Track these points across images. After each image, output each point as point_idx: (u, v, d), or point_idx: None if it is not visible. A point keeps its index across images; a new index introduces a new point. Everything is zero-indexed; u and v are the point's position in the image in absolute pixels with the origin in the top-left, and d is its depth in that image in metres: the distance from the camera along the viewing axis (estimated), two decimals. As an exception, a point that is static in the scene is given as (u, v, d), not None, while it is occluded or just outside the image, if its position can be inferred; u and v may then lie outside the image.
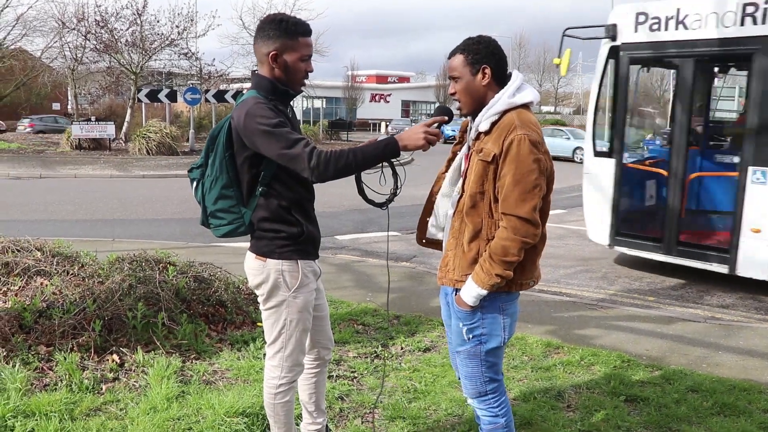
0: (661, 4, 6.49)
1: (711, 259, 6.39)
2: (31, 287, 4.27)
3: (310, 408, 2.84)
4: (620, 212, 6.98)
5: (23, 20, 27.89)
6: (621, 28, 6.73)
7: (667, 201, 6.66)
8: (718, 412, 3.49)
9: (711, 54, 6.37)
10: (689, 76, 6.47)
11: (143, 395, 3.44)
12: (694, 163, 7.11)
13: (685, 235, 6.66)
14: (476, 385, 2.48)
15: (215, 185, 2.48)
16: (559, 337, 4.70)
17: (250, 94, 2.47)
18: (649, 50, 6.64)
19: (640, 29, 6.56)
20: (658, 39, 6.46)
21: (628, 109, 7.04)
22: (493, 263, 2.28)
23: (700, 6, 6.21)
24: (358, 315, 5.00)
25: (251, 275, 2.55)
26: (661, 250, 6.69)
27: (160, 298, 4.22)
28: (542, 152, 2.29)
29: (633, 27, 6.62)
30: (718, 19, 6.06)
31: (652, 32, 6.47)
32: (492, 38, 2.42)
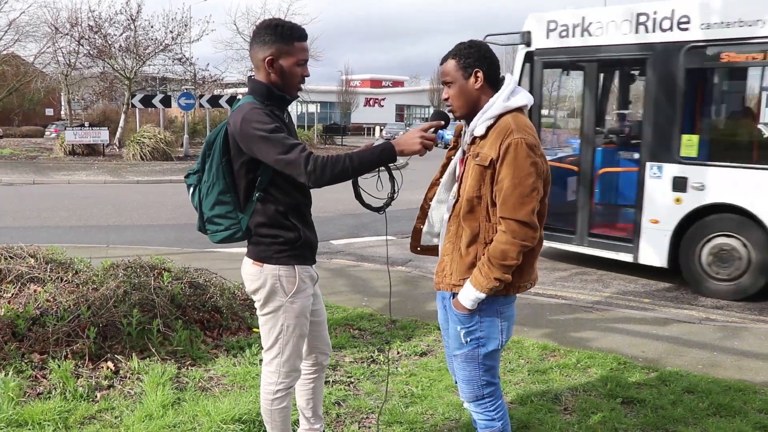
0: (569, 13, 7.06)
1: (618, 249, 6.87)
2: (25, 294, 4.24)
3: (307, 414, 2.83)
4: None
5: (15, 25, 27.80)
6: (534, 35, 7.23)
7: (579, 195, 7.10)
8: (714, 413, 3.50)
9: (611, 58, 7.03)
10: (593, 78, 7.09)
11: (138, 402, 3.42)
12: (608, 159, 7.50)
13: (595, 227, 7.13)
14: (473, 389, 2.48)
15: (212, 191, 2.48)
16: (556, 340, 4.70)
17: (246, 99, 2.47)
18: (559, 55, 7.20)
19: (551, 36, 7.12)
20: (566, 45, 7.03)
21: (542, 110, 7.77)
22: (492, 267, 2.27)
23: (601, 15, 6.83)
24: (354, 320, 4.99)
25: (248, 281, 2.54)
26: (574, 241, 7.18)
27: (155, 305, 4.20)
28: (539, 155, 2.29)
29: (545, 34, 7.16)
30: (616, 27, 6.67)
31: (562, 38, 7.05)
32: (484, 42, 2.43)
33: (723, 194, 6.08)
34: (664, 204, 6.42)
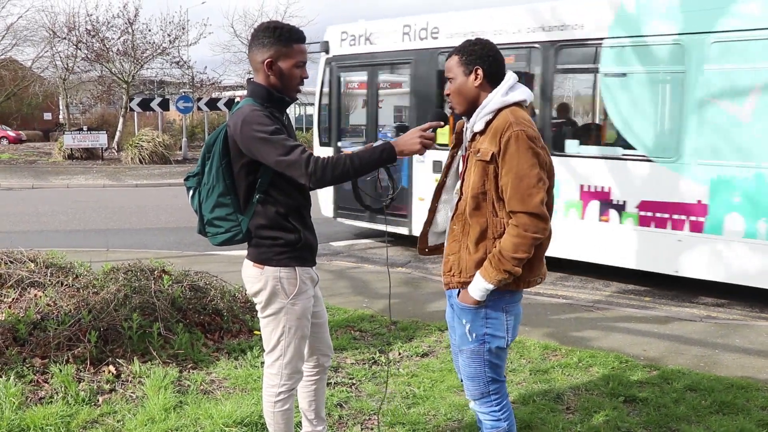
0: (357, 25, 8.48)
1: (398, 224, 8.16)
2: (25, 299, 4.24)
3: (309, 416, 2.83)
4: (339, 191, 8.74)
5: (13, 30, 27.80)
6: (331, 44, 8.69)
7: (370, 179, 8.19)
8: (716, 411, 3.50)
9: (386, 62, 8.43)
10: (374, 79, 8.54)
11: (140, 406, 3.42)
12: None
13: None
14: (479, 386, 2.47)
15: (212, 193, 2.48)
16: (557, 340, 4.70)
17: (245, 101, 2.48)
18: (349, 61, 8.61)
19: (344, 44, 8.53)
20: (355, 52, 8.45)
21: (342, 107, 9.03)
22: (503, 259, 2.27)
23: (378, 26, 8.29)
24: (355, 321, 4.99)
25: (249, 283, 2.54)
26: (366, 219, 8.46)
27: (155, 308, 4.19)
28: (540, 147, 2.30)
29: (339, 43, 8.57)
30: (388, 36, 8.11)
31: (351, 47, 8.48)
32: (489, 41, 2.44)
33: None
34: (428, 184, 7.58)
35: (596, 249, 6.61)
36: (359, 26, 8.39)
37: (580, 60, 6.73)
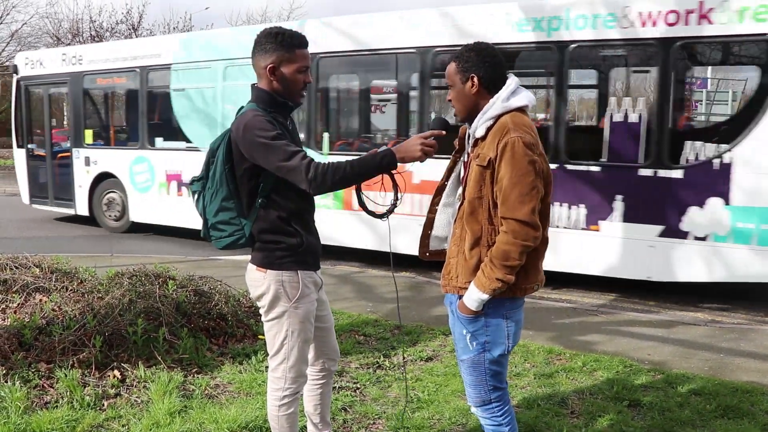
0: (34, 53, 11.43)
1: (68, 206, 10.44)
2: (30, 304, 4.26)
3: (315, 420, 2.83)
4: (33, 183, 10.94)
5: (18, 37, 27.96)
6: (20, 67, 10.80)
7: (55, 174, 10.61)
8: (721, 415, 3.49)
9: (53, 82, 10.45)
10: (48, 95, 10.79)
11: (145, 411, 3.42)
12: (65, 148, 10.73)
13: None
14: (480, 393, 2.47)
15: (216, 198, 2.49)
16: (561, 344, 4.70)
17: (249, 106, 2.49)
18: (32, 80, 10.67)
19: (28, 67, 10.67)
20: (34, 74, 10.58)
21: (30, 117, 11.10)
22: (494, 267, 2.27)
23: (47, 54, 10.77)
24: (359, 326, 4.99)
25: (252, 287, 2.55)
26: (48, 203, 10.79)
27: (160, 313, 4.21)
28: (537, 154, 2.28)
29: (23, 66, 10.73)
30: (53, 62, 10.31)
31: (32, 69, 10.62)
32: (488, 45, 2.42)
33: (107, 166, 9.83)
34: (82, 173, 10.09)
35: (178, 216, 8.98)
36: (36, 54, 11.15)
37: (161, 80, 9.23)
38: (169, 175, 9.04)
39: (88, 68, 9.88)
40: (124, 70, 9.53)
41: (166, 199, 9.07)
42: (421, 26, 6.94)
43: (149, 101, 9.40)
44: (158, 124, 9.58)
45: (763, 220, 5.53)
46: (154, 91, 9.42)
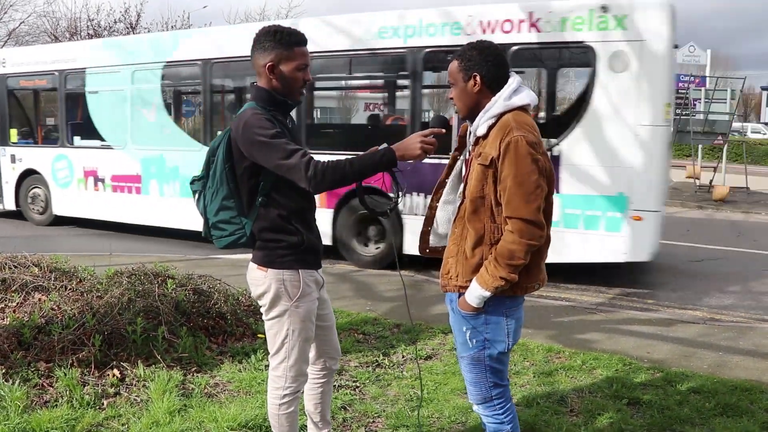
0: None
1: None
2: (30, 303, 4.25)
3: (315, 418, 2.83)
4: None
5: (15, 35, 27.85)
6: None
7: None
8: (720, 413, 3.49)
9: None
10: None
11: (145, 409, 3.42)
12: None
13: None
14: (481, 391, 2.47)
15: (216, 197, 2.49)
16: (560, 342, 4.70)
17: (248, 105, 2.49)
18: None
19: None
20: None
21: None
22: (498, 266, 2.27)
23: None
24: (358, 324, 4.99)
25: (253, 285, 2.55)
26: None
27: (159, 312, 4.20)
28: (540, 153, 2.29)
29: None
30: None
31: None
32: (490, 44, 2.41)
33: (31, 163, 10.30)
34: (8, 170, 10.54)
35: (96, 209, 9.67)
36: None
37: (78, 83, 9.75)
38: (86, 171, 9.71)
39: (11, 71, 10.48)
40: (45, 73, 10.17)
41: (84, 193, 9.77)
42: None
43: (68, 103, 9.99)
44: (76, 124, 10.18)
45: (587, 207, 6.29)
46: (72, 93, 9.99)
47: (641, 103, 6.08)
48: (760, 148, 27.15)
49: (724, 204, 13.48)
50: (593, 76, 6.26)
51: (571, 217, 6.36)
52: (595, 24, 6.17)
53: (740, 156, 23.13)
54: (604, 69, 6.20)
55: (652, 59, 6.03)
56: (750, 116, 56.46)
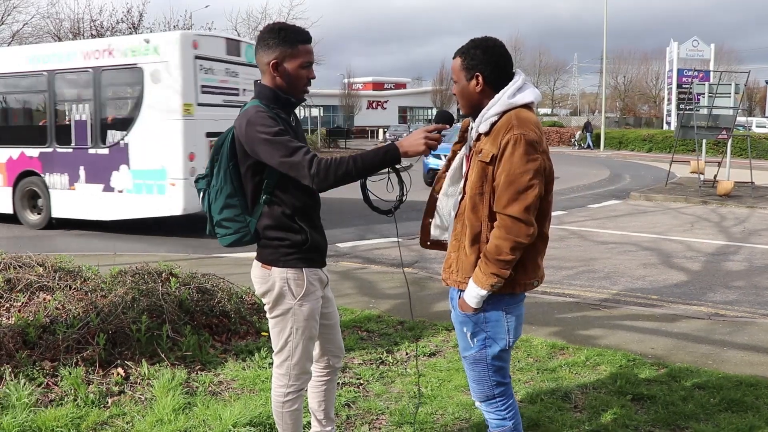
0: None
1: None
2: (34, 303, 4.27)
3: (319, 416, 2.84)
4: None
5: (19, 37, 27.91)
6: None
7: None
8: (725, 409, 3.49)
9: None
10: None
11: (149, 408, 3.44)
12: None
13: None
14: (484, 389, 2.47)
15: (220, 195, 2.49)
16: (564, 338, 4.70)
17: (252, 103, 2.49)
18: None
19: None
20: None
21: None
22: (488, 262, 2.27)
23: None
24: (361, 322, 5.00)
25: (257, 284, 2.55)
26: None
27: (163, 310, 4.22)
28: (540, 152, 2.27)
29: None
30: None
31: None
32: (495, 42, 2.38)
33: None
34: None
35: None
36: None
37: None
38: None
39: None
40: None
41: None
42: None
43: None
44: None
45: (146, 177, 9.19)
46: None
47: (170, 104, 8.95)
48: (764, 142, 27.05)
49: (729, 199, 13.43)
50: (143, 86, 9.19)
51: (138, 185, 9.27)
52: (142, 51, 9.18)
53: (745, 150, 23.06)
54: (149, 82, 9.12)
55: (173, 74, 8.94)
56: (754, 110, 56.19)
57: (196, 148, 9.04)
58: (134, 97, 9.46)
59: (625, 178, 18.90)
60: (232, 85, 9.92)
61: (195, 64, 9.10)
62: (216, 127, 9.28)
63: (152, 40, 9.23)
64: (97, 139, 9.64)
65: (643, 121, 52.84)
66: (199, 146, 9.10)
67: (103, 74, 9.58)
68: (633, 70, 63.22)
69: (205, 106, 9.30)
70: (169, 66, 8.96)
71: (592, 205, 13.09)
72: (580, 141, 35.67)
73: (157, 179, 9.08)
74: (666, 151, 28.79)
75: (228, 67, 9.82)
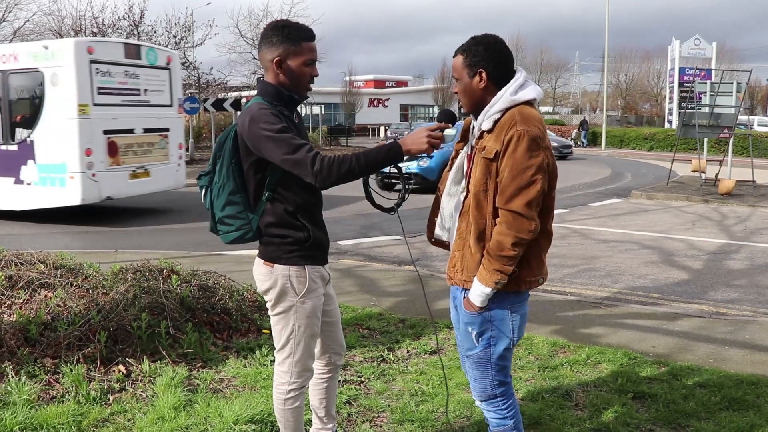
0: None
1: None
2: (36, 300, 4.27)
3: (320, 413, 2.84)
4: None
5: (20, 34, 27.93)
6: None
7: None
8: (726, 407, 3.48)
9: None
10: None
11: (150, 405, 3.44)
12: None
13: None
14: (486, 388, 2.46)
15: (223, 192, 2.49)
16: (565, 337, 4.70)
17: (255, 100, 2.49)
18: None
19: None
20: None
21: None
22: (491, 259, 2.26)
23: None
24: (363, 319, 5.00)
25: (259, 281, 2.55)
26: None
27: (164, 308, 4.22)
28: (543, 148, 2.27)
29: None
30: None
31: None
32: (496, 38, 2.38)
33: None
34: None
35: None
36: None
37: None
38: None
39: None
40: None
41: None
42: None
43: None
44: None
45: (50, 171, 9.96)
46: None
47: (67, 104, 9.68)
48: (766, 141, 27.02)
49: (730, 197, 13.42)
50: (44, 89, 9.89)
51: (43, 178, 10.04)
52: (42, 56, 9.90)
53: (746, 149, 23.02)
54: (49, 84, 9.83)
55: (69, 77, 9.66)
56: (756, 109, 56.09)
57: (92, 144, 9.89)
58: (38, 98, 10.15)
59: (627, 177, 18.89)
60: (132, 86, 10.70)
61: (91, 67, 9.88)
62: (114, 125, 10.28)
63: (50, 46, 10.13)
64: (8, 136, 10.41)
65: (644, 119, 52.79)
66: (96, 143, 9.95)
67: (10, 77, 10.34)
68: (634, 69, 63.19)
69: (103, 106, 10.07)
70: (65, 70, 9.72)
71: (594, 204, 13.08)
72: (576, 139, 35.68)
73: (59, 173, 9.93)
74: (667, 150, 28.75)
75: (127, 69, 10.59)
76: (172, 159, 11.57)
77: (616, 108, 62.65)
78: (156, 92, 11.24)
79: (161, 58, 11.39)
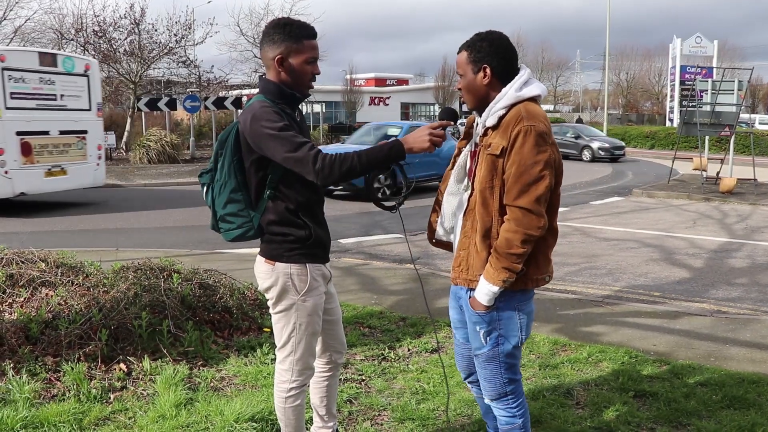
0: None
1: None
2: (37, 298, 4.27)
3: (321, 412, 2.84)
4: None
5: (21, 32, 27.94)
6: None
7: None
8: (727, 406, 3.48)
9: None
10: None
11: (151, 403, 3.44)
12: None
13: None
14: (496, 387, 2.45)
15: (224, 189, 2.49)
16: (566, 335, 4.69)
17: (257, 98, 2.48)
18: None
19: None
20: None
21: None
22: (499, 257, 2.25)
23: None
24: (364, 318, 5.00)
25: (261, 279, 2.55)
26: None
27: (165, 306, 4.22)
28: (549, 144, 2.26)
29: None
30: None
31: None
32: (501, 35, 2.37)
33: None
34: None
35: None
36: None
37: None
38: None
39: None
40: None
41: None
42: None
43: None
44: None
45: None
46: None
47: None
48: (767, 139, 26.98)
49: (731, 196, 13.40)
50: None
51: None
52: None
53: (747, 148, 23.00)
54: None
55: None
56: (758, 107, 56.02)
57: (5, 144, 10.65)
58: None
59: (628, 175, 18.87)
60: (47, 91, 11.37)
61: (3, 74, 10.60)
62: (28, 126, 10.96)
63: None
64: None
65: (645, 117, 52.74)
66: (8, 143, 10.73)
67: None
68: (636, 67, 63.12)
69: (16, 109, 10.75)
70: None
71: (595, 202, 13.07)
72: None
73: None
74: (668, 148, 28.73)
75: (42, 76, 11.28)
76: (90, 159, 12.27)
77: (617, 106, 62.61)
78: (73, 97, 11.92)
79: (79, 66, 12.03)
